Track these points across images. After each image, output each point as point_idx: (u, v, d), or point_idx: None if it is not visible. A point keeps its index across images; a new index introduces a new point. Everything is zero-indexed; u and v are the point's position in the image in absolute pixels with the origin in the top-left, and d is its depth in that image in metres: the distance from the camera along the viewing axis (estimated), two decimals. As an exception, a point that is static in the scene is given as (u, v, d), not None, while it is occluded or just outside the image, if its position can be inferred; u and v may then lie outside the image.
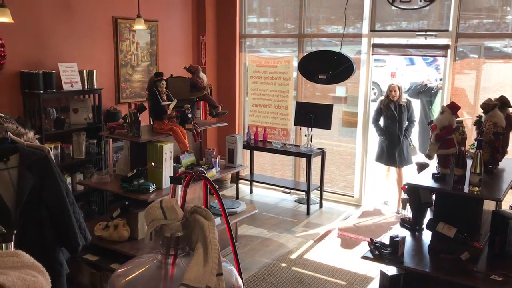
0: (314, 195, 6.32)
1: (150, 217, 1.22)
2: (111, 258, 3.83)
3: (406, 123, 5.87)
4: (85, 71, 5.20)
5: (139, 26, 5.45)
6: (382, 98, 6.00)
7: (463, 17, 5.49)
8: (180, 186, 1.25)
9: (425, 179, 3.00)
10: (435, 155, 3.04)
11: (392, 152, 5.85)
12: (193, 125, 4.34)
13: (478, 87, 5.58)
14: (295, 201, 6.53)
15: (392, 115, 5.80)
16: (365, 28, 6.09)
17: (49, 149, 2.92)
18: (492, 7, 5.54)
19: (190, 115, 4.32)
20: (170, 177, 1.29)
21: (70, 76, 5.05)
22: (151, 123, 4.35)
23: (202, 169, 1.33)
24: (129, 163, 4.26)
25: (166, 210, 1.20)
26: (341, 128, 7.14)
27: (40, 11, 4.95)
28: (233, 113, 6.91)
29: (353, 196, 6.50)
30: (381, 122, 5.95)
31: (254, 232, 5.42)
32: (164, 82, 4.13)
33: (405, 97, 5.94)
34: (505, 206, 3.46)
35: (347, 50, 6.17)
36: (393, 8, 5.84)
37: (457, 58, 5.58)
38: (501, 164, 3.24)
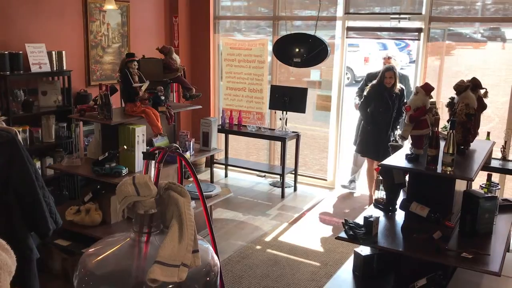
0: (289, 179, 6.34)
1: (122, 194, 1.18)
2: (83, 243, 3.75)
3: (394, 113, 5.33)
4: (53, 52, 5.04)
5: (110, 6, 5.30)
6: (374, 82, 5.35)
7: (435, 3, 5.54)
8: (153, 162, 1.21)
9: (399, 160, 3.02)
10: (409, 136, 3.06)
11: (377, 145, 5.31)
12: (166, 107, 4.26)
13: (442, 72, 5.65)
14: (270, 184, 6.54)
15: (385, 104, 5.26)
16: (340, 12, 6.08)
17: (17, 131, 2.82)
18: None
19: (163, 97, 4.24)
20: (143, 152, 1.25)
21: (38, 57, 4.88)
22: (123, 105, 4.26)
23: (177, 145, 1.29)
24: (100, 147, 4.17)
25: (139, 186, 1.16)
26: (315, 112, 7.15)
27: (4, -12, 4.75)
28: (207, 96, 6.83)
29: (326, 180, 6.54)
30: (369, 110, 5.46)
31: (229, 216, 5.41)
32: (135, 63, 4.03)
33: (399, 85, 5.36)
34: (475, 186, 3.53)
35: (322, 35, 6.15)
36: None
37: (428, 43, 5.63)
38: (472, 145, 3.29)
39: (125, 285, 1.16)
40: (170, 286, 1.12)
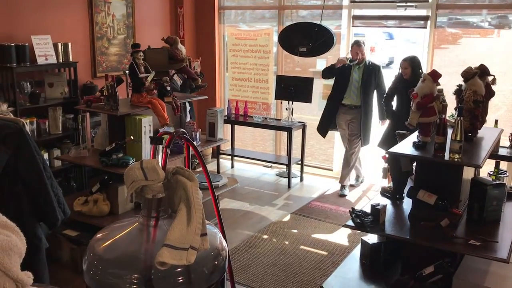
0: (295, 169, 6.33)
1: (130, 178, 1.18)
2: (91, 233, 3.76)
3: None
4: (59, 44, 5.04)
5: (115, -3, 5.29)
6: (398, 73, 5.20)
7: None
8: (161, 146, 1.21)
9: (406, 148, 3.01)
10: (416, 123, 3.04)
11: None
12: (172, 98, 4.26)
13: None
14: (276, 175, 6.54)
15: (407, 97, 5.10)
16: (346, 0, 6.04)
17: (24, 122, 2.83)
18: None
19: (168, 88, 4.24)
20: (150, 137, 1.25)
21: (44, 49, 4.89)
22: (129, 96, 4.26)
23: (183, 130, 1.29)
24: (107, 137, 4.18)
25: (147, 170, 1.17)
26: (321, 102, 7.11)
27: (10, -20, 4.75)
28: (213, 86, 6.83)
29: (332, 170, 6.54)
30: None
31: (236, 206, 5.42)
32: (141, 53, 4.03)
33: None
34: (483, 174, 3.52)
35: (328, 25, 6.11)
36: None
37: (436, 34, 5.58)
38: (480, 133, 3.27)
39: (134, 269, 1.16)
40: (179, 269, 1.12)
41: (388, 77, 5.63)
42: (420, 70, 5.00)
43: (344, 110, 5.65)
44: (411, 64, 5.03)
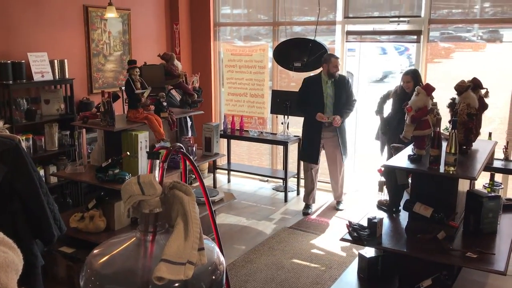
0: (292, 183, 6.34)
1: (127, 193, 1.19)
2: (87, 250, 3.74)
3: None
4: (56, 61, 5.07)
5: (111, 14, 5.34)
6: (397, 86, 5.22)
7: (434, 7, 5.56)
8: (157, 161, 1.22)
9: (401, 161, 3.03)
10: (411, 136, 3.07)
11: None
12: (168, 113, 4.27)
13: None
14: (273, 189, 6.54)
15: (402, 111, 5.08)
16: (339, 16, 6.11)
17: (20, 139, 2.83)
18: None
19: (165, 103, 4.25)
20: (147, 152, 1.26)
21: (40, 66, 4.91)
22: (125, 112, 4.27)
23: (180, 145, 1.30)
24: (103, 153, 4.18)
25: (144, 185, 1.17)
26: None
27: (7, -1, 4.79)
28: (209, 102, 6.86)
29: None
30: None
31: (233, 221, 5.40)
32: (137, 69, 4.05)
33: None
34: (478, 187, 3.53)
35: (322, 40, 6.18)
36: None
37: (428, 48, 5.65)
38: (474, 145, 3.29)
39: (131, 285, 1.16)
40: (177, 284, 1.12)
41: (381, 92, 5.63)
42: (421, 84, 5.00)
43: (324, 129, 5.49)
44: (413, 77, 5.00)
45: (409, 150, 3.16)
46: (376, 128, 5.53)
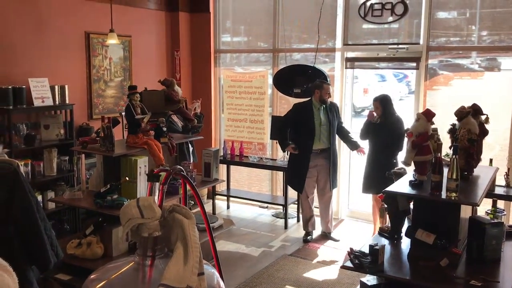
0: (292, 209, 6.28)
1: (126, 216, 1.16)
2: (84, 277, 3.67)
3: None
4: (56, 87, 5.10)
5: (112, 40, 5.39)
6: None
7: (432, 35, 5.64)
8: (157, 184, 1.20)
9: (403, 187, 3.01)
10: (412, 162, 3.05)
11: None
12: (168, 138, 4.27)
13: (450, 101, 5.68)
14: (273, 215, 6.48)
15: (380, 138, 5.15)
16: (338, 43, 6.18)
17: (19, 163, 2.81)
18: (459, 26, 5.71)
19: (164, 129, 4.25)
20: (147, 174, 1.24)
21: (41, 92, 4.93)
22: (125, 137, 4.27)
23: (181, 167, 1.28)
24: (102, 179, 4.15)
25: (143, 208, 1.15)
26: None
27: (9, 25, 4.84)
28: (208, 127, 6.87)
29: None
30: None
31: (232, 248, 5.33)
32: (138, 95, 4.07)
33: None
34: (480, 212, 3.50)
35: (321, 67, 6.24)
36: (364, 26, 5.96)
37: (427, 75, 5.71)
38: (476, 171, 3.27)
39: (129, 311, 1.13)
40: (175, 310, 1.09)
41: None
42: (392, 110, 5.09)
43: (314, 156, 5.42)
44: (381, 103, 5.08)
45: (410, 176, 3.14)
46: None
